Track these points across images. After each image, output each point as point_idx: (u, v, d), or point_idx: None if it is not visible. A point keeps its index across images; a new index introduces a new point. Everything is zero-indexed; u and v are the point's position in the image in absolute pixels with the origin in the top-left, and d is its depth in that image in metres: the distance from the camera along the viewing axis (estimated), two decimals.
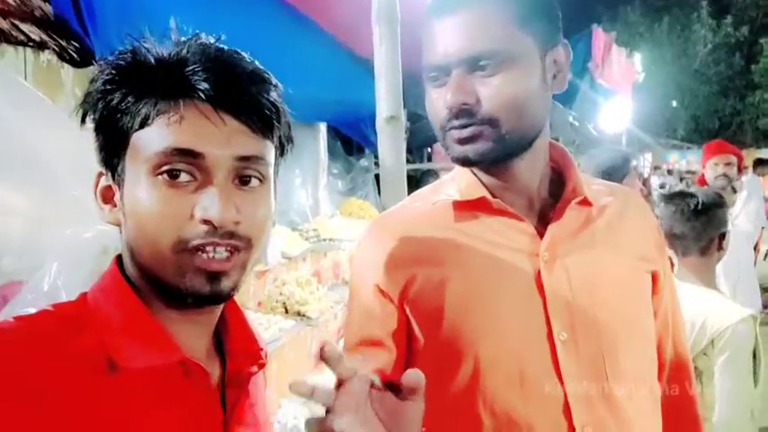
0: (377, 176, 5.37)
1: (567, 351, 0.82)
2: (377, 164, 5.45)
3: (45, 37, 1.78)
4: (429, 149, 6.82)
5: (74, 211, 2.12)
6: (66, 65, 2.05)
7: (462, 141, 0.83)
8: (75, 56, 1.86)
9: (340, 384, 0.59)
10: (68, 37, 1.83)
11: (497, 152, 0.83)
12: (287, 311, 2.20)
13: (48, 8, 1.86)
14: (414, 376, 0.61)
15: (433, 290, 0.86)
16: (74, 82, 2.21)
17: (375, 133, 1.75)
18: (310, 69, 2.85)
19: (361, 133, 3.95)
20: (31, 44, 1.75)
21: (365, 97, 3.14)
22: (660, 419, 0.93)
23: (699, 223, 1.76)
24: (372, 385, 0.61)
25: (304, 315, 2.18)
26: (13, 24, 1.69)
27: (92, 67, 2.08)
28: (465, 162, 0.85)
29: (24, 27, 1.74)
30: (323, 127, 4.02)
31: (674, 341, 1.01)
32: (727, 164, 3.36)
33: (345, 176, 4.97)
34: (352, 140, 5.38)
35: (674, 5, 17.35)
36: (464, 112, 0.81)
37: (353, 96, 3.16)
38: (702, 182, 3.57)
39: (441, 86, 0.84)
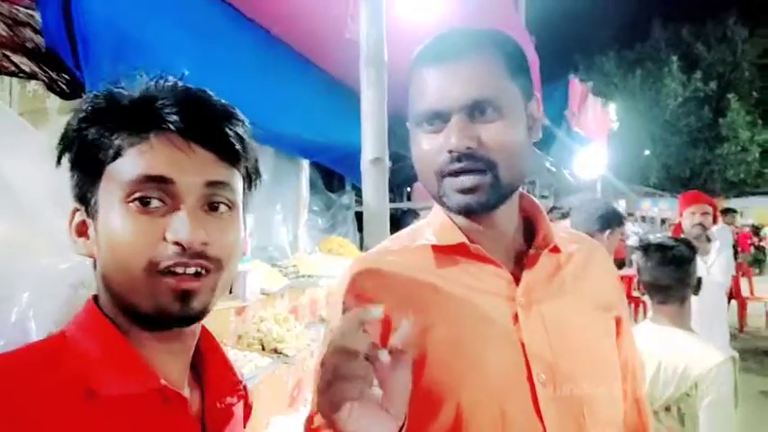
0: (357, 214, 5.40)
1: (547, 391, 0.84)
2: (357, 201, 5.50)
3: (35, 68, 1.80)
4: (409, 188, 6.90)
5: (49, 242, 2.09)
6: (52, 96, 2.06)
7: (465, 191, 0.85)
8: (64, 87, 1.87)
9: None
10: (59, 69, 1.85)
11: (495, 199, 0.86)
12: (263, 348, 2.17)
13: (39, 40, 1.88)
14: (401, 334, 0.66)
15: (416, 337, 0.84)
16: (59, 111, 2.22)
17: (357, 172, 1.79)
18: (297, 106, 2.89)
19: (348, 169, 3.97)
20: (21, 75, 1.76)
21: (352, 133, 3.18)
22: None
23: (681, 273, 1.84)
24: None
25: (281, 352, 2.16)
26: (4, 55, 1.71)
27: (80, 99, 2.09)
28: (466, 210, 0.87)
29: (15, 58, 1.76)
30: (305, 163, 4.06)
31: (633, 383, 1.03)
32: (704, 213, 3.49)
33: (326, 213, 4.99)
34: (333, 177, 5.42)
35: (646, 59, 18.07)
36: (467, 156, 0.83)
37: (340, 132, 3.19)
38: (678, 230, 3.67)
39: (436, 132, 0.86)
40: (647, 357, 1.78)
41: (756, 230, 15.50)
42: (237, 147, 0.69)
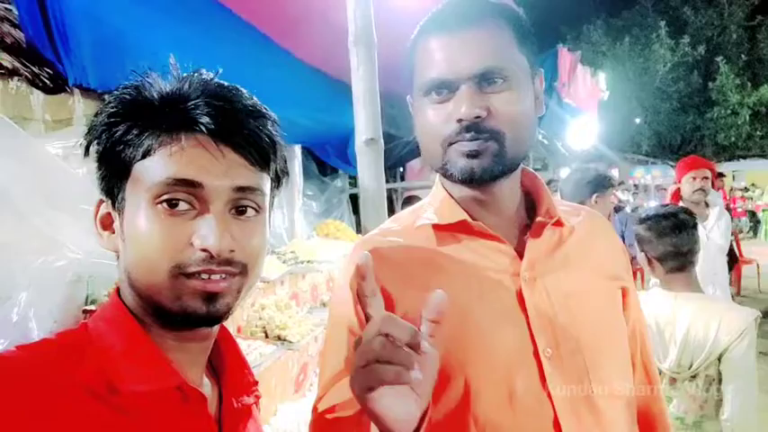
0: (351, 197, 5.39)
1: (553, 367, 0.84)
2: (351, 184, 5.48)
3: (17, 64, 1.76)
4: (402, 169, 6.87)
5: (42, 241, 2.06)
6: (36, 91, 2.02)
7: (470, 155, 0.84)
8: (47, 82, 1.83)
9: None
10: (40, 63, 1.81)
11: (500, 169, 0.86)
12: (267, 336, 2.17)
13: (19, 35, 1.84)
14: (437, 301, 0.65)
15: (421, 315, 0.86)
16: (43, 108, 2.18)
17: (350, 155, 1.78)
18: (285, 92, 2.87)
19: (337, 155, 3.97)
20: (2, 71, 1.72)
21: (341, 120, 3.18)
22: (636, 426, 0.96)
23: (696, 237, 1.87)
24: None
25: (284, 339, 2.16)
26: None
27: (64, 94, 2.05)
28: (470, 176, 0.86)
29: None
30: (298, 149, 4.03)
31: (642, 353, 1.05)
32: (704, 178, 3.46)
33: (320, 197, 4.98)
34: (325, 161, 5.40)
35: (634, 25, 17.94)
36: (475, 126, 0.83)
37: (329, 119, 3.17)
38: (677, 197, 3.61)
39: (443, 102, 0.85)
40: (667, 324, 1.79)
41: (746, 191, 15.58)
42: (268, 150, 0.69)
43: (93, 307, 1.96)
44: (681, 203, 3.40)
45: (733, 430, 1.64)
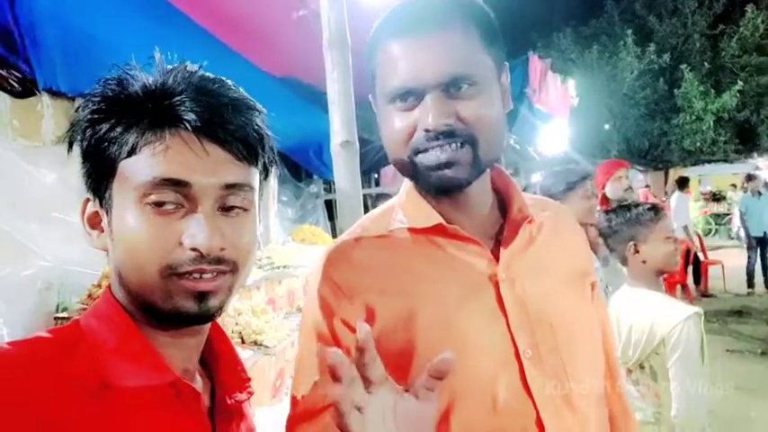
0: (326, 202, 5.38)
1: (534, 367, 0.84)
2: (326, 189, 5.47)
3: None
4: (376, 174, 6.89)
5: (8, 249, 2.02)
6: (3, 95, 1.98)
7: (441, 167, 0.81)
8: (15, 86, 1.80)
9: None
10: (8, 67, 1.78)
11: (474, 175, 0.84)
12: (243, 341, 2.15)
13: None
14: (444, 361, 0.62)
15: (402, 323, 0.83)
16: (11, 113, 2.13)
17: (324, 160, 1.78)
18: (257, 99, 2.86)
19: (311, 160, 3.97)
20: None
21: (314, 125, 3.18)
22: (607, 417, 0.97)
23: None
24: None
25: (261, 344, 2.15)
26: None
27: (32, 98, 2.02)
28: (445, 188, 0.84)
29: None
30: None
31: (605, 341, 1.04)
32: (627, 176, 3.48)
33: (295, 203, 4.96)
34: (300, 167, 5.40)
35: (601, 34, 18.30)
36: (444, 134, 0.80)
37: (303, 124, 3.17)
38: (604, 202, 3.43)
39: (409, 110, 0.82)
40: (617, 321, 1.83)
41: (715, 196, 15.97)
42: (255, 145, 0.67)
43: (64, 314, 1.92)
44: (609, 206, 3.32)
45: (681, 427, 1.65)
